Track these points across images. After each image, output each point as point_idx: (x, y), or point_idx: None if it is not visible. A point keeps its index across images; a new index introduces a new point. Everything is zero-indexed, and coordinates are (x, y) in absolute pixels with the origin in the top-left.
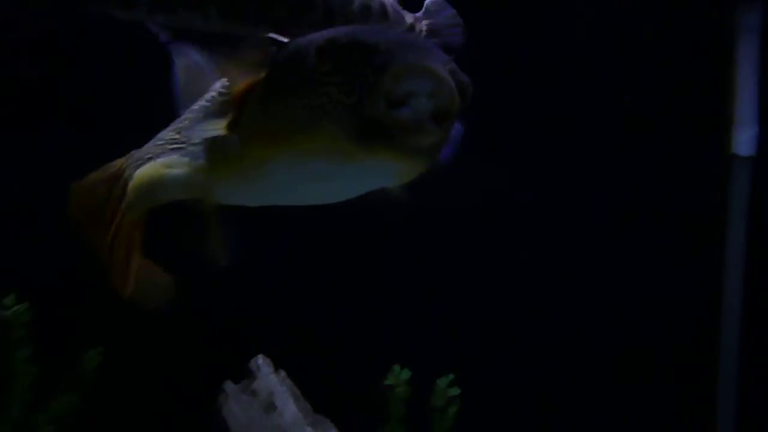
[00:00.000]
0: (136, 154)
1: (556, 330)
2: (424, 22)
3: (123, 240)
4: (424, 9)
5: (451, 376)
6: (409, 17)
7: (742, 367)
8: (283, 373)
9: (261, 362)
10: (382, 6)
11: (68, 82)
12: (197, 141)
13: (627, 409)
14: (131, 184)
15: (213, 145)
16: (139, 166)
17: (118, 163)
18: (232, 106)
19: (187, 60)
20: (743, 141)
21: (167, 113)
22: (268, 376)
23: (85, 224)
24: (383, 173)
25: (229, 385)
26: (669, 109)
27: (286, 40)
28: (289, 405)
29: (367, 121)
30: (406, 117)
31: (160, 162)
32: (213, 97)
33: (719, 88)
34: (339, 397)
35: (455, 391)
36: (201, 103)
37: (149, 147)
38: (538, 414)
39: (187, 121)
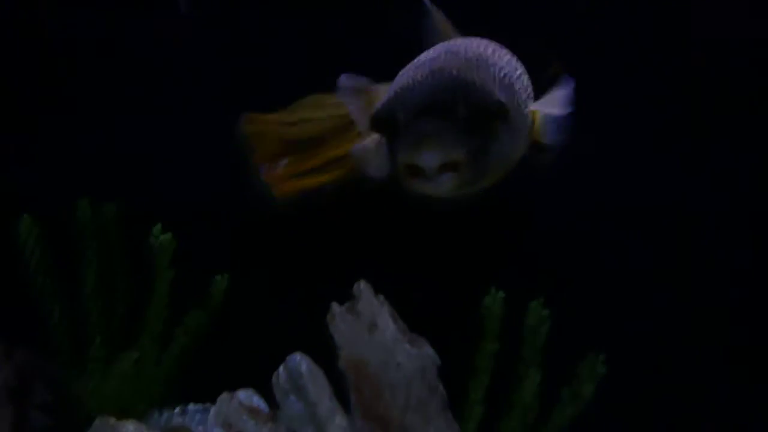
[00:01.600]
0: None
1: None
2: None
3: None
4: None
5: (542, 298)
6: None
7: None
8: (382, 297)
9: (363, 287)
10: None
11: None
12: None
13: None
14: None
15: None
16: None
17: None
18: None
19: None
20: None
21: None
22: (369, 299)
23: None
24: None
25: (335, 307)
26: None
27: None
28: (389, 325)
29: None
30: (418, 179)
31: None
32: None
33: None
34: (432, 320)
35: (546, 312)
36: None
37: None
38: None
39: None
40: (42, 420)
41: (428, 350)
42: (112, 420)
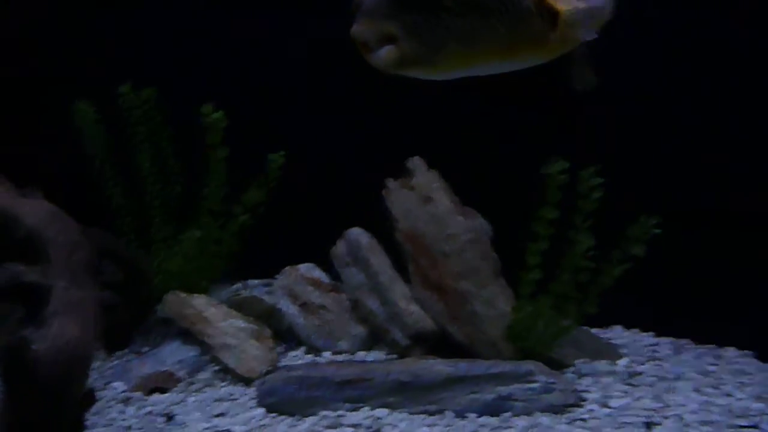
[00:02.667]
0: None
1: None
2: None
3: None
4: None
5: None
6: None
7: None
8: (436, 172)
9: (418, 162)
10: None
11: None
12: None
13: None
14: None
15: None
16: None
17: None
18: None
19: None
20: None
21: None
22: (424, 174)
23: None
24: None
25: (390, 182)
26: None
27: None
28: (442, 198)
29: None
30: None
31: None
32: None
33: None
34: (485, 193)
35: (597, 180)
36: None
37: None
38: None
39: None
40: (112, 298)
41: (481, 221)
42: (182, 295)
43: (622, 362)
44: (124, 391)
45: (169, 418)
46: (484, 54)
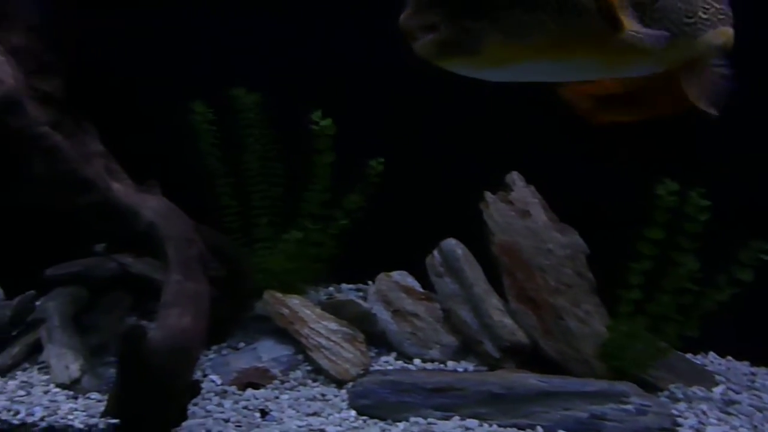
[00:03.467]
0: None
1: None
2: None
3: None
4: None
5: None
6: None
7: None
8: (533, 187)
9: (516, 177)
10: None
11: None
12: None
13: None
14: None
15: None
16: None
17: None
18: None
19: None
20: None
21: None
22: (522, 189)
23: None
24: None
25: (488, 195)
26: None
27: None
28: (540, 213)
29: None
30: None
31: None
32: None
33: None
34: (581, 210)
35: (705, 203)
36: None
37: None
38: None
39: None
40: (215, 292)
41: (577, 238)
42: (279, 294)
43: (718, 390)
44: (220, 384)
45: (264, 413)
46: (532, 49)
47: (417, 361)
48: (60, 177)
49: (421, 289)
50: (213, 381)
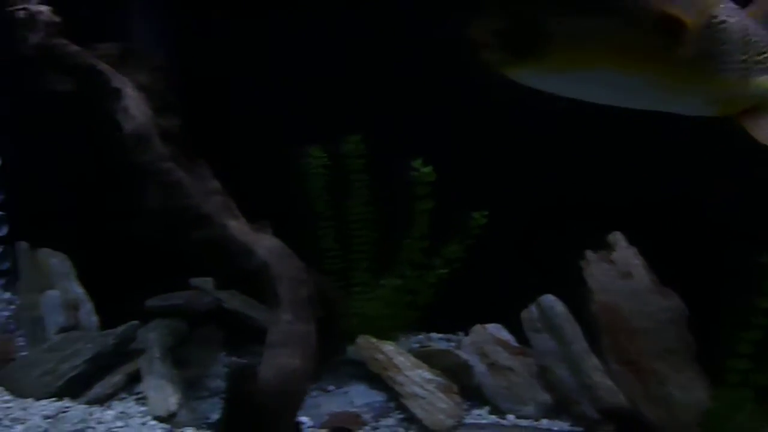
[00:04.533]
0: None
1: None
2: None
3: None
4: None
5: None
6: None
7: None
8: (635, 249)
9: (619, 237)
10: None
11: None
12: None
13: None
14: None
15: None
16: None
17: None
18: None
19: None
20: None
21: None
22: (625, 249)
23: None
24: None
25: (590, 254)
26: None
27: None
28: (643, 275)
29: None
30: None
31: None
32: None
33: None
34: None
35: None
36: None
37: None
38: None
39: None
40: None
41: (678, 302)
42: (374, 340)
43: None
44: (311, 426)
45: None
46: (592, 56)
47: (510, 416)
48: (180, 211)
49: (516, 344)
50: (303, 422)
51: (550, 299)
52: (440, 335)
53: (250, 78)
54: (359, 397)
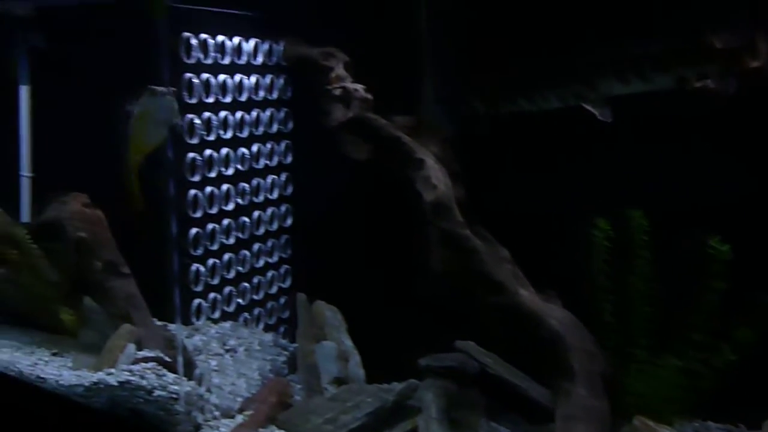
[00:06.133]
0: None
1: None
2: None
3: None
4: None
5: None
6: None
7: None
8: None
9: None
10: None
11: None
12: None
13: None
14: None
15: None
16: None
17: None
18: None
19: None
20: None
21: None
22: None
23: None
24: None
25: None
26: None
27: None
28: None
29: None
30: None
31: None
32: None
33: None
34: None
35: None
36: None
37: None
38: None
39: None
40: None
41: None
42: (650, 422)
43: None
44: None
45: None
46: None
47: None
48: (476, 276)
49: None
50: None
51: None
52: (718, 425)
53: (529, 149)
54: None
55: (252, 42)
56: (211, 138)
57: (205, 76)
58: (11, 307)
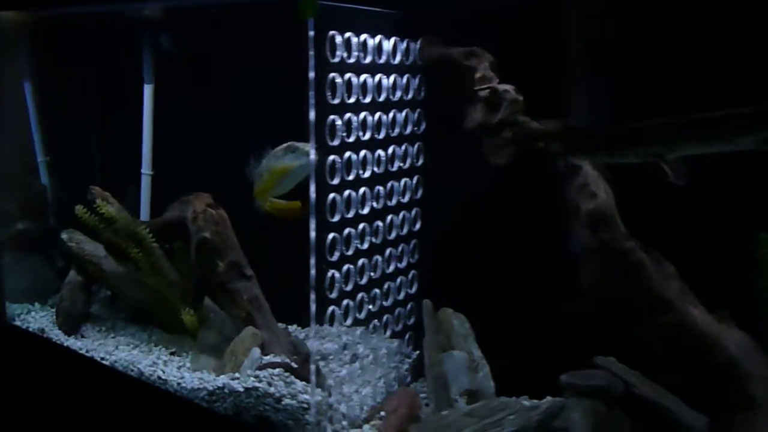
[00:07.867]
0: None
1: None
2: None
3: None
4: None
5: None
6: None
7: None
8: None
9: None
10: None
11: None
12: None
13: None
14: None
15: None
16: None
17: None
18: None
19: None
20: None
21: None
22: None
23: None
24: None
25: None
26: None
27: None
28: None
29: None
30: None
31: None
32: None
33: None
34: None
35: None
36: None
37: None
38: None
39: None
40: None
41: None
42: None
43: None
44: None
45: None
46: None
47: None
48: (641, 294)
49: None
50: None
51: None
52: None
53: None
54: None
55: (392, 41)
56: (351, 140)
57: (347, 75)
58: (130, 304)
